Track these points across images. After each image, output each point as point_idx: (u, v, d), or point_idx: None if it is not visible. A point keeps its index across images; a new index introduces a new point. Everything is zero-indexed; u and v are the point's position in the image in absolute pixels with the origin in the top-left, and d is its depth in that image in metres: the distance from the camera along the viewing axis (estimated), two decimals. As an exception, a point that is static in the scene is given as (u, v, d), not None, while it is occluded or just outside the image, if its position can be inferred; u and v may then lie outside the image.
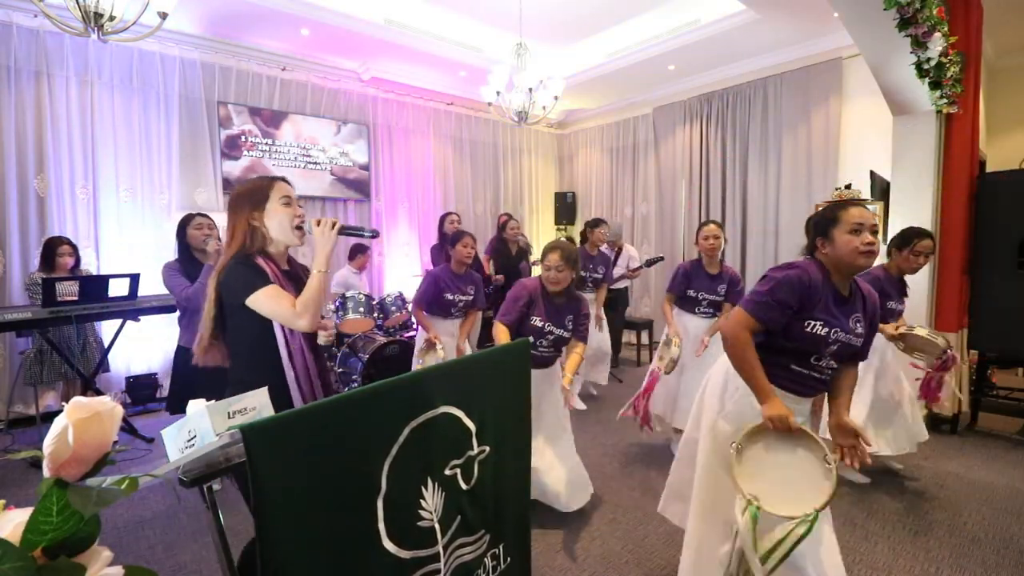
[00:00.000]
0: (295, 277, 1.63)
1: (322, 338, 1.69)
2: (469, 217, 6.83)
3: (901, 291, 2.90)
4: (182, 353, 2.94)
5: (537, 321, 2.43)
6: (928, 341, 2.67)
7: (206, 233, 2.87)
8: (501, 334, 2.39)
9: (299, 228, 1.59)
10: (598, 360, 4.33)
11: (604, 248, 4.54)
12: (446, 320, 3.38)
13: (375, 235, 1.68)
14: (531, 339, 2.38)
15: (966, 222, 3.74)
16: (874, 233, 1.54)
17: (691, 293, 3.20)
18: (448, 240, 3.38)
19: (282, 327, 1.51)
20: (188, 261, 2.87)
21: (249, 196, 1.57)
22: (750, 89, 5.69)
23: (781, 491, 1.44)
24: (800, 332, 1.56)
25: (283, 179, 1.63)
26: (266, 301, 1.47)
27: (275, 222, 1.56)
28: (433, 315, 3.36)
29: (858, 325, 1.61)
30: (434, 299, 3.30)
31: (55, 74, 4.08)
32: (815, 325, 1.54)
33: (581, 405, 3.88)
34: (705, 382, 1.88)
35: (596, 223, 4.40)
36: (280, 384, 1.49)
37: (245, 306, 1.47)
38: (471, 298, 3.36)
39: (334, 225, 1.55)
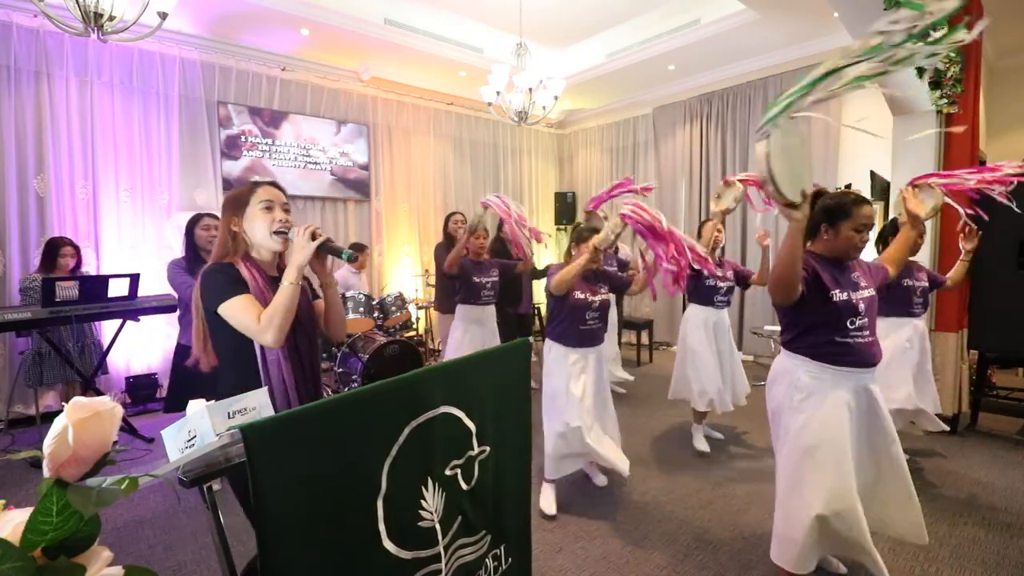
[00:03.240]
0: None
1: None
2: (469, 218, 6.82)
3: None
4: (182, 351, 2.95)
5: (578, 294, 2.56)
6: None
7: (213, 234, 2.89)
8: (563, 275, 2.48)
9: (279, 233, 1.52)
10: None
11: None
12: (476, 306, 3.48)
13: (352, 259, 1.54)
14: (581, 314, 2.56)
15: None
16: (869, 231, 1.75)
17: (709, 282, 3.31)
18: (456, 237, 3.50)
19: None
20: (194, 260, 2.89)
21: (232, 202, 1.55)
22: (750, 89, 5.69)
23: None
24: (828, 304, 1.71)
25: (271, 183, 1.58)
26: (234, 311, 1.43)
27: (254, 227, 1.52)
28: (466, 303, 3.47)
29: (861, 280, 1.79)
30: (465, 279, 3.42)
31: (55, 74, 4.08)
32: (836, 294, 1.71)
33: None
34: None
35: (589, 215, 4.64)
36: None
37: (218, 314, 1.45)
38: (497, 278, 3.53)
39: (314, 236, 1.46)
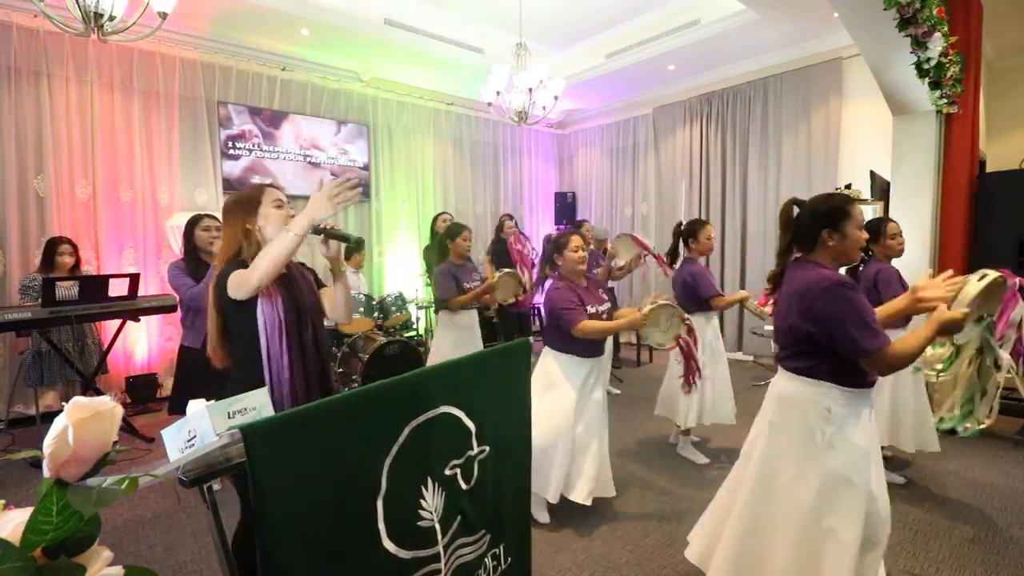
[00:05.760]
0: (289, 282, 1.63)
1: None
2: (469, 217, 6.83)
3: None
4: (185, 353, 2.94)
5: (589, 308, 2.45)
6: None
7: (214, 235, 2.88)
8: (592, 328, 2.36)
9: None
10: None
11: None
12: (465, 312, 3.41)
13: (361, 244, 1.67)
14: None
15: (966, 222, 3.74)
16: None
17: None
18: (448, 235, 3.42)
19: (265, 330, 1.52)
20: (194, 261, 2.88)
21: (242, 204, 1.63)
22: (750, 89, 5.69)
23: None
24: None
25: (272, 185, 1.70)
26: (234, 279, 1.51)
27: (270, 224, 1.61)
28: (451, 311, 3.40)
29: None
30: (458, 287, 3.35)
31: (55, 74, 4.07)
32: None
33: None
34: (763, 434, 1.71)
35: (579, 223, 4.86)
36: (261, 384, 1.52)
37: (238, 306, 1.52)
38: (479, 283, 3.45)
39: (321, 228, 1.58)
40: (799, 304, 1.57)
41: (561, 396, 2.46)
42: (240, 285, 1.49)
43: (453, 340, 3.38)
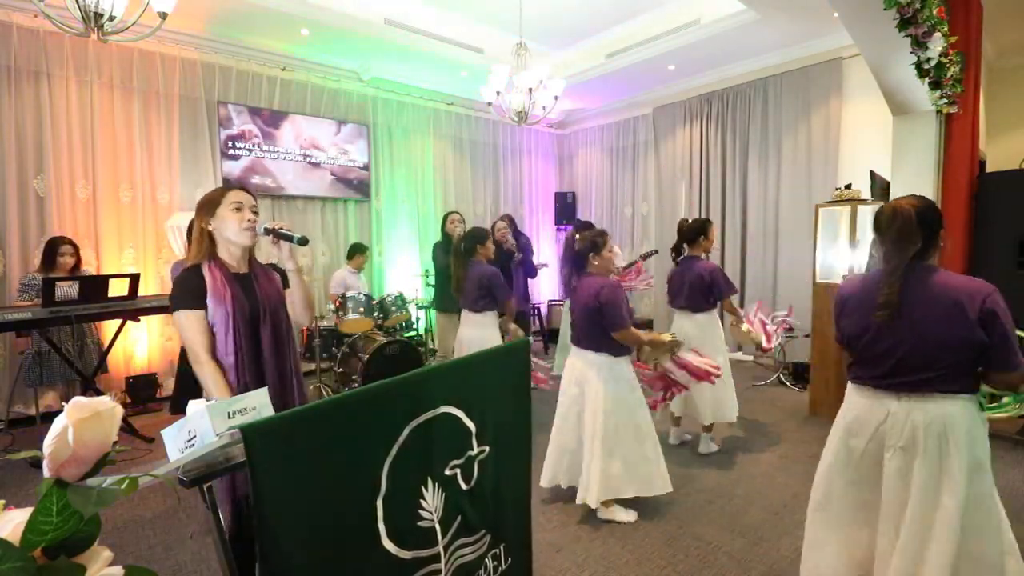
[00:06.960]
0: (248, 281, 1.71)
1: None
2: (469, 217, 6.81)
3: None
4: (186, 353, 2.95)
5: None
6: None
7: None
8: (632, 335, 2.44)
9: (249, 230, 1.69)
10: None
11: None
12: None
13: (303, 242, 1.73)
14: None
15: (966, 222, 3.74)
16: None
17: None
18: (477, 239, 3.45)
19: (212, 327, 1.66)
20: None
21: (204, 204, 1.70)
22: (750, 89, 5.69)
23: None
24: None
25: (240, 188, 1.76)
26: (181, 326, 1.64)
27: (226, 226, 1.67)
28: (488, 311, 3.40)
29: None
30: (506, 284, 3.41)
31: (55, 74, 4.08)
32: None
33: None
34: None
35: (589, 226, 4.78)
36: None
37: None
38: None
39: (267, 230, 1.71)
40: (973, 312, 1.46)
41: (639, 397, 2.54)
42: (190, 349, 1.65)
43: (492, 335, 3.42)
